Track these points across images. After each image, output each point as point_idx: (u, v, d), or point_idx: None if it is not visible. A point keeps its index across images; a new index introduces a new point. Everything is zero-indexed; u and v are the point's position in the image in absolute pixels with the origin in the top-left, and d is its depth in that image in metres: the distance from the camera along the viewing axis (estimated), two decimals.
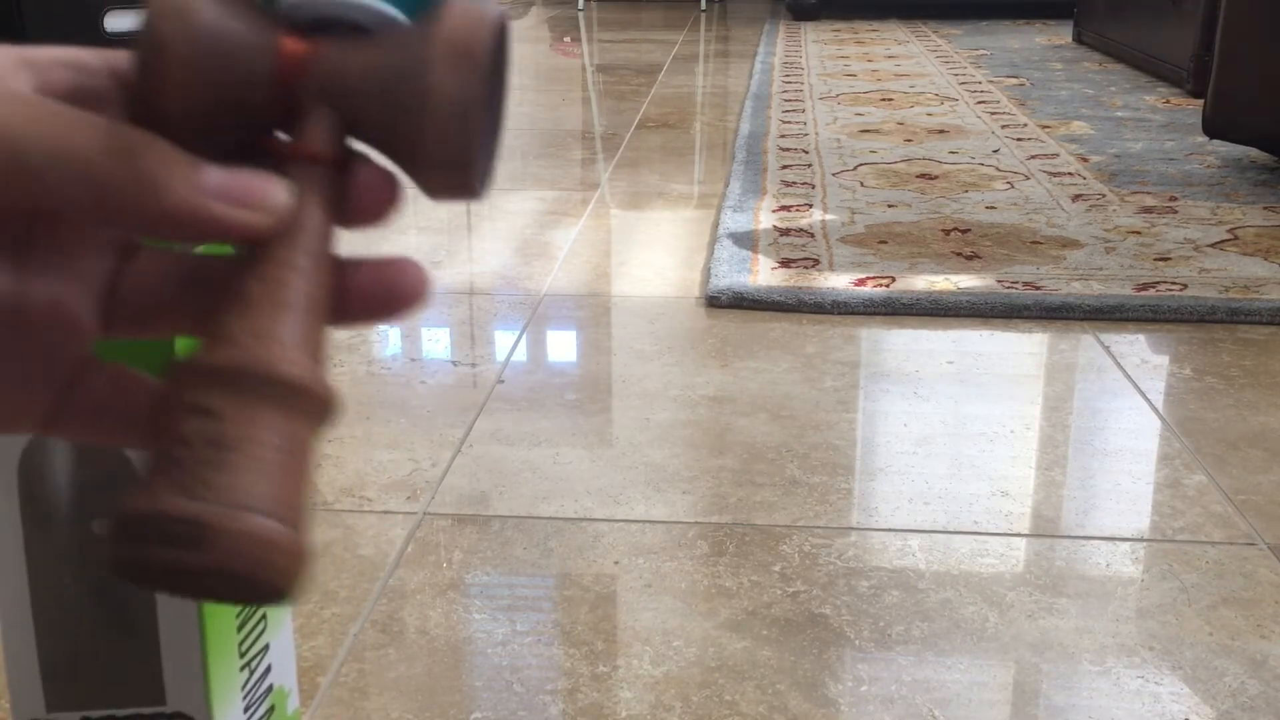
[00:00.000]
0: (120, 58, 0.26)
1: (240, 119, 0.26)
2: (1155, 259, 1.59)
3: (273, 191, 0.25)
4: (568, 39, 4.26)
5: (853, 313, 1.42)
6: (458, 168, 0.26)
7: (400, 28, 0.26)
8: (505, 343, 1.36)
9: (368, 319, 0.27)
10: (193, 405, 0.23)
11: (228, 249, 0.26)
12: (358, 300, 0.27)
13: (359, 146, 0.27)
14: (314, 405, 0.25)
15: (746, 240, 1.69)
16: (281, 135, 0.26)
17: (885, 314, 1.42)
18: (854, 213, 1.84)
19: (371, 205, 0.27)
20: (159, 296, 0.27)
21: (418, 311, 0.26)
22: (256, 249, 0.25)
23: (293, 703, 0.61)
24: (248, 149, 0.26)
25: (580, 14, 4.95)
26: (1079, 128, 2.47)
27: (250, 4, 0.26)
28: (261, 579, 0.23)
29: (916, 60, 3.47)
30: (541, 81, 3.30)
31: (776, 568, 0.89)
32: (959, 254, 1.62)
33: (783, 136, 2.40)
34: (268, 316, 0.24)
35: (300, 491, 0.24)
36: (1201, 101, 2.10)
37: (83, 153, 0.23)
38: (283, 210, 0.25)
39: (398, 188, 0.27)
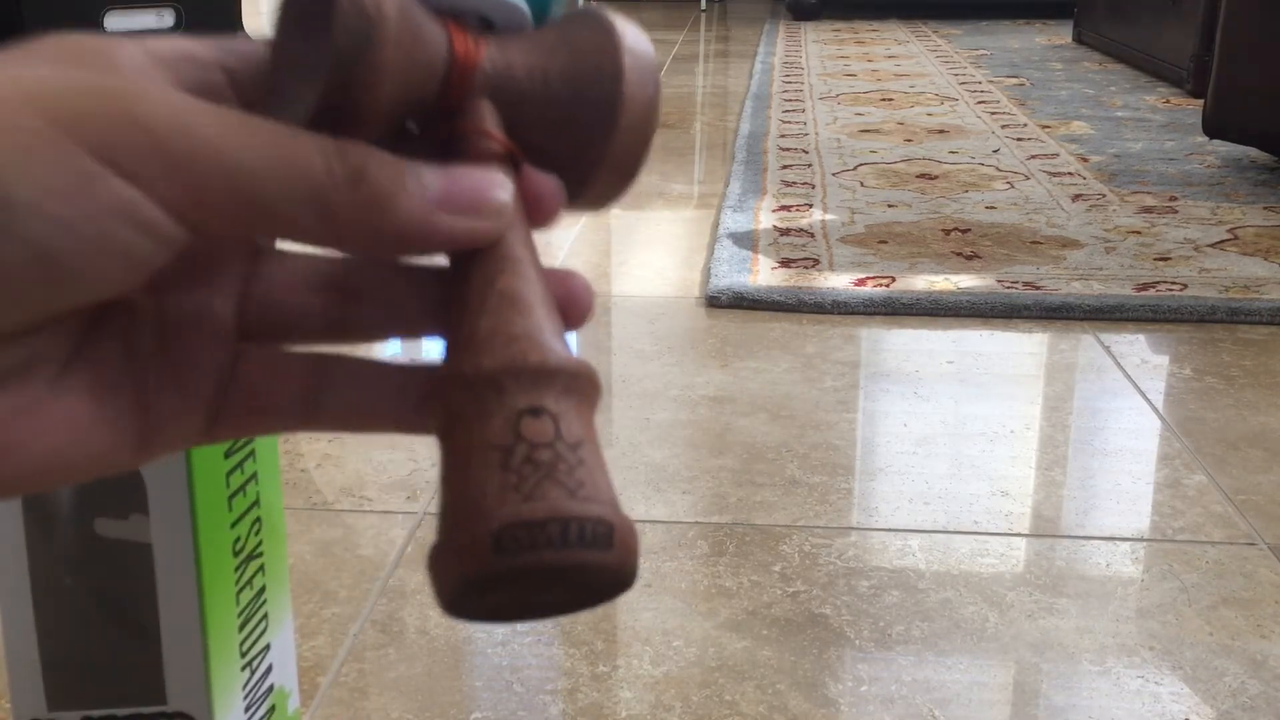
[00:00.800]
0: (229, 47, 0.25)
1: (414, 110, 0.25)
2: (1155, 259, 1.60)
3: (495, 192, 0.24)
4: None
5: (853, 313, 1.42)
6: (627, 176, 0.26)
7: (541, 30, 0.26)
8: None
9: None
10: (529, 408, 0.22)
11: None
12: None
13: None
14: (597, 394, 0.24)
15: (746, 240, 1.69)
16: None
17: (885, 314, 1.42)
18: (854, 213, 1.84)
19: (542, 209, 0.25)
20: (295, 301, 0.26)
21: (588, 316, 0.26)
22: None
23: (293, 703, 0.61)
24: (407, 137, 0.25)
25: None
26: (1079, 128, 2.47)
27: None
28: (631, 572, 0.23)
29: (916, 60, 3.47)
30: None
31: (776, 568, 0.89)
32: (959, 254, 1.62)
33: (783, 136, 2.40)
34: (538, 314, 0.24)
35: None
36: (1201, 101, 2.10)
37: (313, 176, 0.21)
38: (508, 212, 0.24)
39: (562, 192, 0.26)
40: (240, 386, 0.25)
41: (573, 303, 0.25)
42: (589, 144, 0.25)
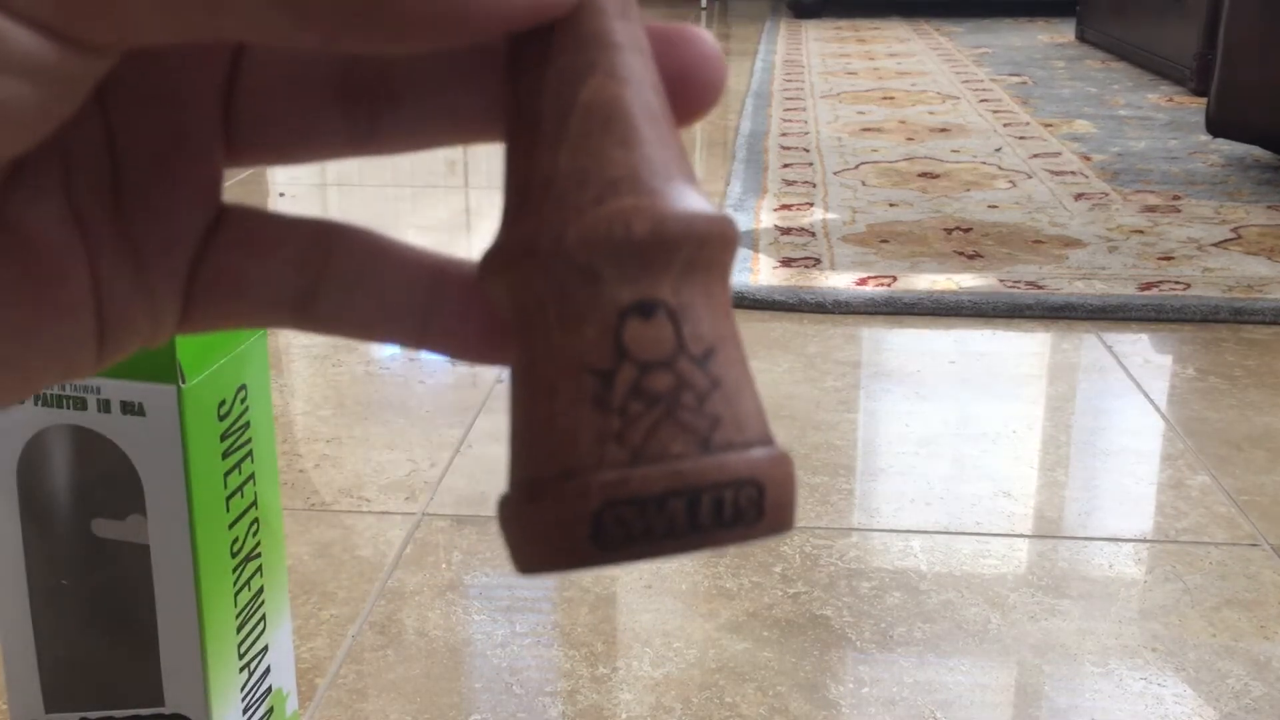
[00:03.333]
0: None
1: None
2: (1158, 258, 1.59)
3: None
4: None
5: (854, 312, 1.42)
6: None
7: None
8: None
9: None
10: (637, 303, 0.15)
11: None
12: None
13: None
14: (731, 255, 0.17)
15: (747, 239, 1.68)
16: None
17: (887, 313, 1.42)
18: (855, 212, 1.83)
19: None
20: (302, 109, 0.18)
21: (715, 103, 0.17)
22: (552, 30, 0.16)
23: (291, 704, 0.61)
24: None
25: None
26: (1081, 126, 2.46)
27: None
28: (785, 530, 0.16)
29: (918, 58, 3.46)
30: None
31: (777, 569, 0.89)
32: (961, 253, 1.62)
33: (784, 135, 2.40)
34: (648, 138, 0.16)
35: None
36: (1204, 100, 2.09)
37: None
38: None
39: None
40: (220, 259, 0.18)
41: (690, 82, 0.17)
42: None
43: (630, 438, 0.15)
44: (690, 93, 0.17)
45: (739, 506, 0.15)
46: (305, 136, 0.19)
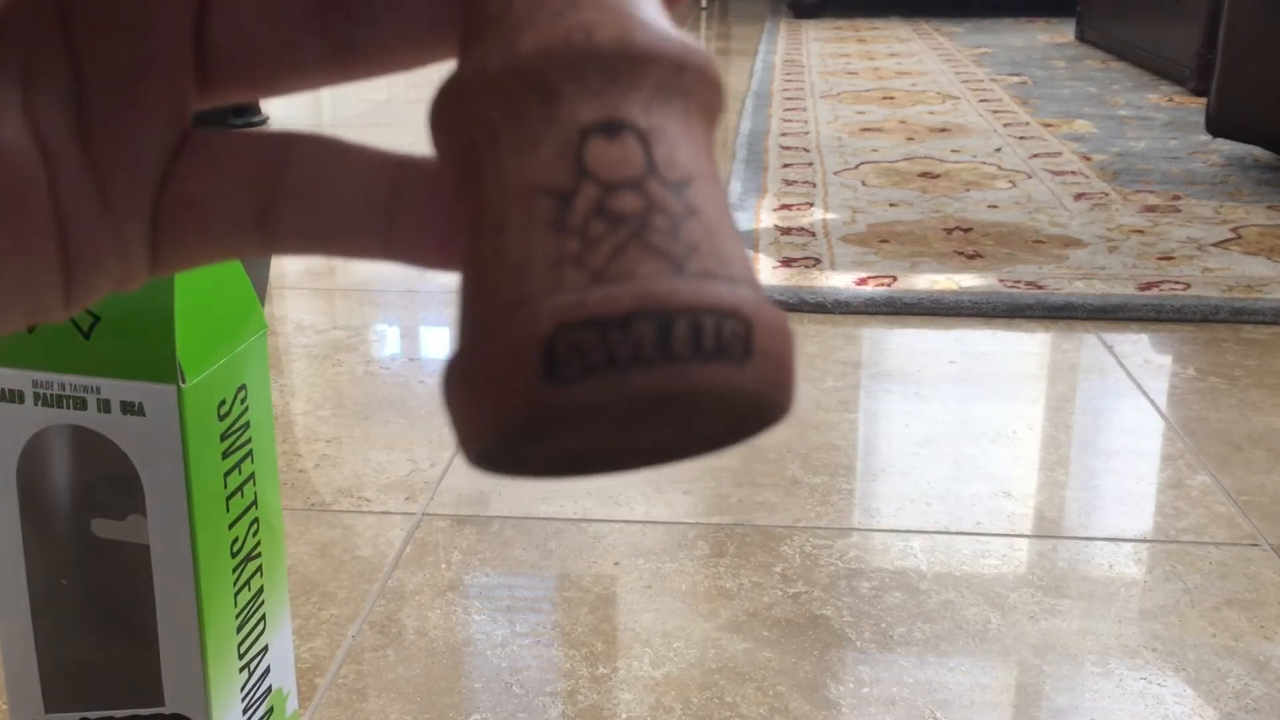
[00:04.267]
0: None
1: None
2: (1158, 258, 1.59)
3: None
4: None
5: (854, 312, 1.42)
6: None
7: None
8: None
9: None
10: (600, 122, 0.13)
11: None
12: None
13: None
14: (718, 99, 0.15)
15: (747, 239, 1.68)
16: None
17: (887, 313, 1.42)
18: (855, 211, 1.83)
19: None
20: (271, 28, 0.18)
21: None
22: None
23: (291, 704, 0.61)
24: None
25: None
26: (1081, 126, 2.46)
27: None
28: (782, 394, 0.14)
29: (918, 58, 3.46)
30: None
31: (777, 569, 0.89)
32: (961, 253, 1.62)
33: (784, 135, 2.40)
34: None
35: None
36: (1204, 100, 2.09)
37: None
38: None
39: None
40: (181, 184, 0.18)
41: None
42: None
43: (591, 260, 0.13)
44: None
45: (721, 338, 0.13)
46: (282, 59, 0.18)
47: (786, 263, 1.57)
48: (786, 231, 1.72)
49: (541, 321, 0.13)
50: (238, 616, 0.55)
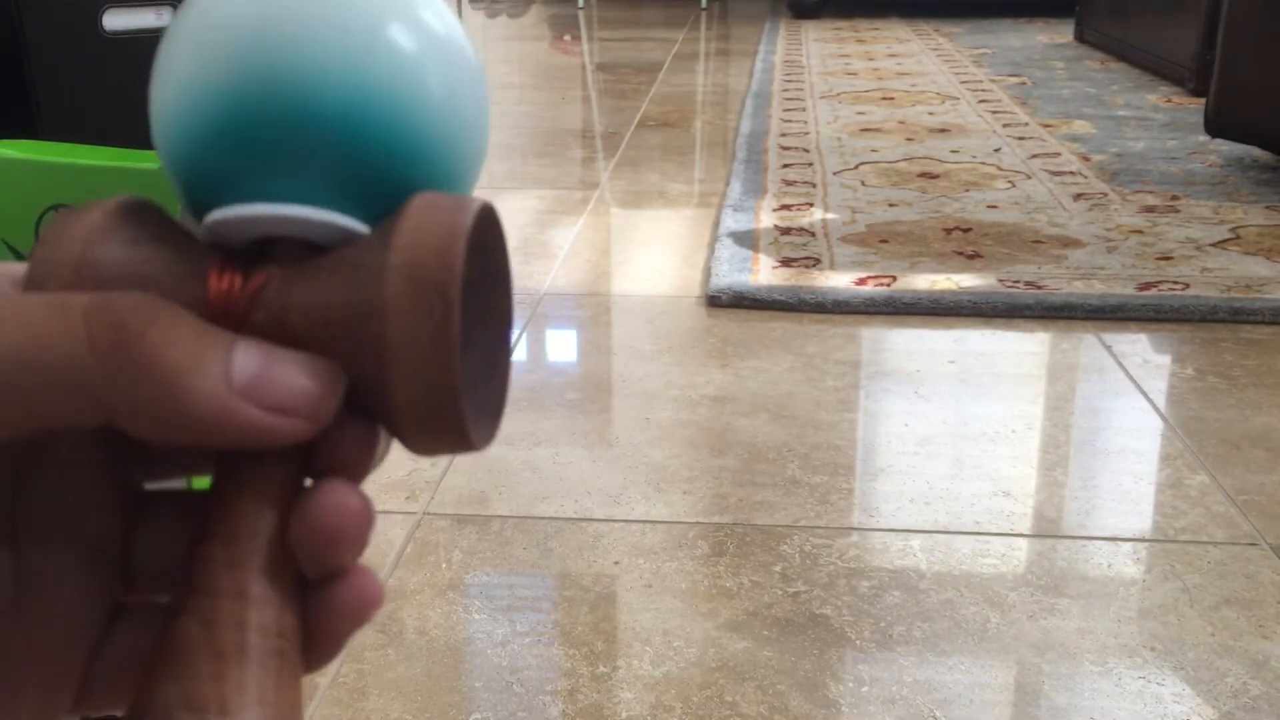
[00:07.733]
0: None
1: None
2: (1157, 258, 1.59)
3: (307, 386, 0.19)
4: (567, 37, 4.26)
5: (854, 312, 1.42)
6: (439, 429, 0.21)
7: (356, 244, 0.20)
8: None
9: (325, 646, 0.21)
10: None
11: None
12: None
13: None
14: None
15: (747, 239, 1.68)
16: None
17: (886, 313, 1.42)
18: (855, 212, 1.84)
19: (344, 463, 0.21)
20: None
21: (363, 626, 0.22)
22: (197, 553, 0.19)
23: None
24: None
25: (580, 12, 4.95)
26: (1081, 126, 2.47)
27: (176, 232, 0.20)
28: None
29: (918, 59, 3.47)
30: (541, 80, 3.30)
31: (777, 568, 0.89)
32: (960, 253, 1.62)
33: (784, 135, 2.40)
34: (208, 675, 0.18)
35: None
36: (1203, 100, 2.09)
37: (65, 352, 0.18)
38: (322, 413, 0.20)
39: (374, 442, 0.22)
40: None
41: (346, 614, 0.21)
42: (374, 395, 0.20)
43: None
44: (343, 604, 0.21)
45: None
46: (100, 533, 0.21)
47: (786, 263, 1.57)
48: (786, 231, 1.73)
49: None
50: None
